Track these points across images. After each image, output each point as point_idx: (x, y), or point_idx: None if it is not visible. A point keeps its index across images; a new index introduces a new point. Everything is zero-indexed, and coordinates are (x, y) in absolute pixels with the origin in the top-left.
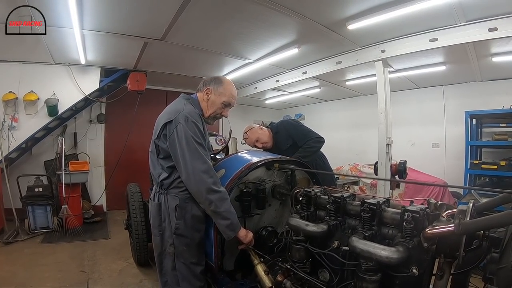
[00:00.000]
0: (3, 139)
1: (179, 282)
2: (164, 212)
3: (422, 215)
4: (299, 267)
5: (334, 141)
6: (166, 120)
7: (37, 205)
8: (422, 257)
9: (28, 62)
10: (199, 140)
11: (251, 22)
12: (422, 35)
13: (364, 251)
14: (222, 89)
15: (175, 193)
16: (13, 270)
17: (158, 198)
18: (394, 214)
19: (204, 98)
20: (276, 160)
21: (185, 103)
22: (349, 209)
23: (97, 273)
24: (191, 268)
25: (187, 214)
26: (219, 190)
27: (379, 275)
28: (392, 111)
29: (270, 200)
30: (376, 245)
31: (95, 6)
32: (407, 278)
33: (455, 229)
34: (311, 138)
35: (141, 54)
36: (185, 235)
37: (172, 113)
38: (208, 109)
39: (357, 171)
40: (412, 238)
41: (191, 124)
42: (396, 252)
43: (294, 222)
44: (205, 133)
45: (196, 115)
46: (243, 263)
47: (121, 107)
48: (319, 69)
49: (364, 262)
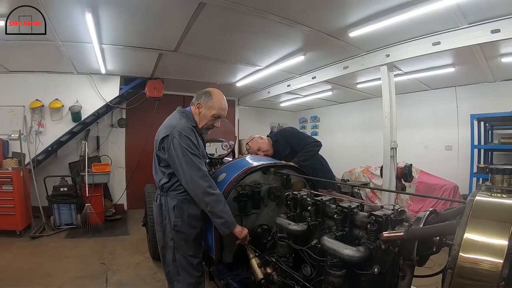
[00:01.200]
0: (31, 143)
1: (179, 272)
2: (164, 211)
3: (385, 220)
4: (284, 261)
5: (348, 143)
6: (163, 135)
7: (62, 203)
8: (384, 258)
9: (52, 72)
10: (193, 151)
11: (257, 33)
12: (425, 39)
13: (330, 249)
14: (211, 102)
15: (173, 195)
16: (39, 261)
17: (159, 199)
18: (363, 217)
19: (196, 111)
20: (271, 165)
21: (179, 117)
22: (327, 211)
23: (116, 265)
24: (189, 259)
25: (184, 213)
26: (213, 193)
27: (344, 271)
28: (404, 113)
29: (266, 201)
30: (341, 244)
31: (111, 22)
32: (371, 276)
33: (404, 234)
34: (308, 143)
35: (157, 63)
36: (183, 231)
37: (168, 128)
38: (200, 121)
39: (368, 174)
40: (375, 240)
41: (185, 138)
42: (357, 251)
43: (279, 221)
44: (199, 144)
45: (189, 129)
46: (242, 258)
47: (140, 112)
48: (328, 74)
49: (330, 259)
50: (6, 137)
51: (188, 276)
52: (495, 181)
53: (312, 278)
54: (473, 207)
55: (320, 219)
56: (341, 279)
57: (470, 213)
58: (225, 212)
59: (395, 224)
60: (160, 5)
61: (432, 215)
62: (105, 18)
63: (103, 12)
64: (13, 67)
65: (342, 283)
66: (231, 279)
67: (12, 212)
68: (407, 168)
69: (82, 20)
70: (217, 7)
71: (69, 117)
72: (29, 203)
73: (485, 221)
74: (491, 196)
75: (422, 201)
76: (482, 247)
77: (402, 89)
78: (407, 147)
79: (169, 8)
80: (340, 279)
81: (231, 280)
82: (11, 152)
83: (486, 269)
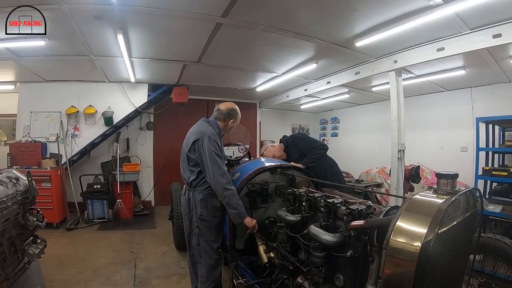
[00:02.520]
0: (67, 145)
1: (201, 255)
2: (192, 204)
3: (357, 213)
4: (283, 247)
5: (367, 143)
6: (194, 139)
7: (95, 199)
8: (356, 244)
9: (86, 81)
10: (218, 153)
11: (271, 46)
12: (430, 45)
13: (313, 235)
14: (238, 118)
15: (200, 190)
16: (75, 249)
17: (188, 193)
18: (342, 210)
19: (227, 124)
20: (278, 166)
21: (206, 126)
22: (318, 206)
23: (144, 254)
24: (211, 244)
25: (208, 205)
26: (230, 188)
27: (324, 253)
28: (420, 114)
29: (273, 197)
30: (321, 231)
31: (139, 40)
32: (347, 259)
33: (364, 223)
34: (315, 146)
35: (182, 73)
36: (207, 220)
37: (198, 133)
38: (225, 130)
39: (384, 174)
40: (348, 229)
41: (213, 142)
42: (333, 237)
43: (279, 213)
44: (222, 147)
45: (216, 134)
46: (252, 245)
47: (167, 116)
48: (341, 79)
49: (313, 243)
50: (45, 139)
51: (209, 258)
52: (440, 184)
53: (305, 261)
54: (409, 203)
55: (313, 212)
56: (321, 260)
57: (405, 207)
58: (239, 205)
59: (365, 217)
60: (182, 25)
61: (393, 210)
62: (134, 37)
63: (132, 31)
64: (50, 77)
65: (322, 263)
66: (240, 261)
67: (50, 207)
68: (415, 170)
69: (114, 39)
70: (232, 26)
71: (102, 121)
72: (65, 199)
73: (414, 214)
74: (428, 196)
75: None
76: (407, 233)
77: (418, 91)
78: (422, 148)
79: (190, 27)
80: (321, 259)
81: (240, 262)
82: (49, 153)
83: (408, 250)
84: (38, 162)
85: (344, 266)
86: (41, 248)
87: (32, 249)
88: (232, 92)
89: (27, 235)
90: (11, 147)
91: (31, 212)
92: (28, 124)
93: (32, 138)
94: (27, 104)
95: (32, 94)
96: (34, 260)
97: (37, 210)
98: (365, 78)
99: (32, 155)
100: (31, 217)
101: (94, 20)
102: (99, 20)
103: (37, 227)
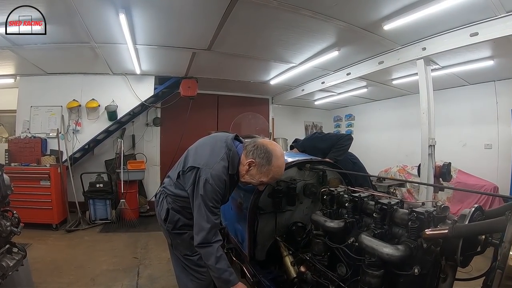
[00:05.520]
0: (68, 141)
1: (181, 269)
2: (159, 211)
3: (427, 217)
4: (318, 260)
5: (384, 142)
6: (193, 164)
7: (97, 199)
8: (425, 258)
9: (89, 73)
10: (213, 204)
11: (290, 29)
12: (462, 30)
13: (368, 247)
14: (266, 169)
15: (171, 200)
16: (74, 253)
17: (159, 196)
18: (404, 214)
19: (245, 165)
20: (307, 161)
21: (222, 157)
22: (365, 208)
23: (148, 260)
24: (187, 258)
25: (175, 218)
26: (206, 245)
27: (382, 271)
28: (441, 110)
29: (301, 198)
30: (380, 242)
31: (144, 23)
32: (411, 277)
33: (448, 232)
34: (340, 138)
35: (191, 63)
36: (178, 233)
37: (202, 160)
38: (244, 176)
39: (405, 173)
40: (416, 238)
41: (211, 191)
42: (396, 250)
43: (315, 217)
44: (226, 192)
45: (221, 181)
46: (275, 255)
47: (175, 111)
48: (362, 69)
49: (368, 257)
50: (45, 135)
51: (187, 274)
52: None
53: (347, 278)
54: None
55: (358, 217)
56: (379, 280)
57: None
58: (218, 269)
59: (437, 222)
60: (192, 3)
61: (477, 212)
62: (138, 18)
63: (136, 12)
64: (50, 69)
65: (379, 283)
66: (263, 277)
67: (49, 207)
68: (446, 167)
69: (116, 21)
70: (249, 3)
71: (105, 116)
72: (65, 198)
73: None
74: None
75: (460, 202)
76: None
77: (438, 85)
78: (444, 146)
79: (201, 6)
80: (378, 279)
81: (264, 278)
82: (49, 150)
83: None
84: (37, 159)
85: (407, 286)
86: (17, 260)
87: (6, 261)
88: (244, 87)
89: (0, 243)
90: (9, 143)
91: (4, 215)
92: (28, 119)
93: (32, 134)
94: (27, 99)
95: (32, 88)
96: (9, 274)
97: (12, 212)
98: (386, 70)
99: (31, 151)
100: (3, 221)
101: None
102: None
103: (11, 234)
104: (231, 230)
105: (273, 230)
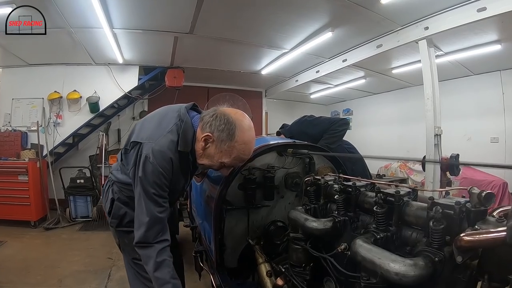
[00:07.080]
0: (49, 134)
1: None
2: (106, 204)
3: (458, 212)
4: (297, 272)
5: (384, 137)
6: (135, 139)
7: (78, 195)
8: (455, 278)
9: (71, 64)
10: (155, 191)
11: (276, 6)
12: (469, 5)
13: (367, 260)
14: (228, 146)
15: (117, 189)
16: (47, 252)
17: (106, 184)
18: (420, 210)
19: (200, 141)
20: (290, 144)
21: (170, 129)
22: (363, 202)
23: (122, 261)
24: (136, 263)
25: (120, 212)
26: (145, 245)
27: None
28: (445, 102)
29: (282, 191)
30: (386, 254)
31: (119, 4)
32: None
33: (507, 235)
34: (333, 122)
35: (174, 49)
36: (124, 231)
37: (146, 133)
38: (200, 157)
39: (406, 169)
40: (441, 246)
41: (152, 174)
42: (412, 267)
43: (293, 215)
44: (174, 178)
45: (168, 156)
46: (250, 262)
47: (162, 104)
48: (359, 55)
49: (365, 276)
50: (26, 129)
51: (137, 282)
52: None
53: None
54: None
55: (352, 213)
56: None
57: None
58: (157, 278)
59: (474, 219)
60: None
61: None
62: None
63: None
64: (32, 60)
65: None
66: None
67: (27, 203)
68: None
69: (88, 2)
70: None
71: (87, 108)
72: (45, 195)
73: None
74: None
75: None
76: None
77: (441, 75)
78: (448, 140)
79: None
80: None
81: None
82: (30, 144)
83: None
84: (17, 153)
85: None
86: None
87: None
88: (235, 78)
89: None
90: None
91: None
92: (9, 112)
93: (13, 127)
94: (9, 91)
95: (14, 80)
96: None
97: None
98: (386, 56)
99: (11, 145)
100: None
101: None
102: None
103: None
104: (202, 229)
105: (245, 230)
